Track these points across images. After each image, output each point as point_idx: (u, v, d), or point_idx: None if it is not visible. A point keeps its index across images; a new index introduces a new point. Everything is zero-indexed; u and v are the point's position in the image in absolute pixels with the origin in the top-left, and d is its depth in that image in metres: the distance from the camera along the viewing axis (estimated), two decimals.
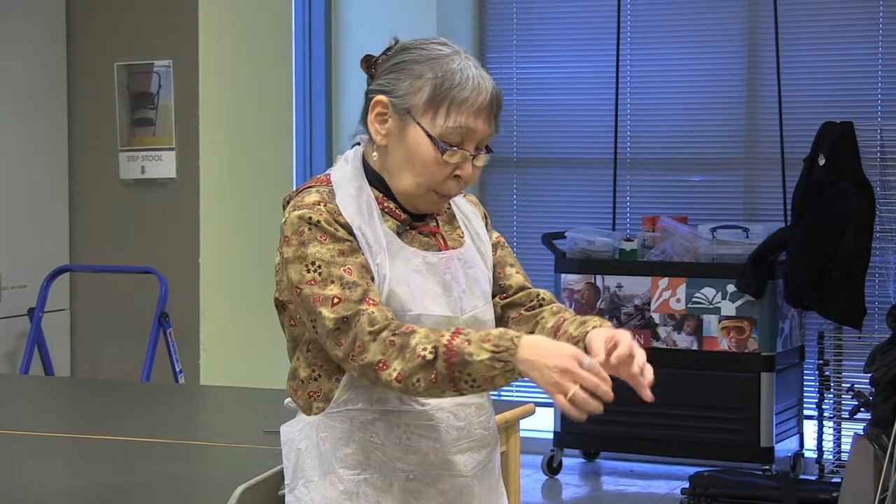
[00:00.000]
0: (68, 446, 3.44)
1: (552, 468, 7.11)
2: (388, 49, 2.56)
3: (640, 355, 2.41)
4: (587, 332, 2.48)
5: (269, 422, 3.41)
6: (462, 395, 2.40)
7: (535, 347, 2.34)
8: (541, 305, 2.66)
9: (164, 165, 6.10)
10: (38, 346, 5.92)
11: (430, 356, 2.35)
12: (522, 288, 2.67)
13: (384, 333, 2.38)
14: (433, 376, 2.35)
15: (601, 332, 2.45)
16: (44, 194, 6.15)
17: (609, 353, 2.38)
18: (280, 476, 2.58)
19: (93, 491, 2.99)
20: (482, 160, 2.52)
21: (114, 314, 6.23)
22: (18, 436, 3.54)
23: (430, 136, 2.46)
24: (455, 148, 2.47)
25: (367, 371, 2.40)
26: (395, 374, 2.37)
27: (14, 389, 4.55)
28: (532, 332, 2.60)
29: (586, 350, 2.41)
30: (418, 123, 2.47)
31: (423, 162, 2.48)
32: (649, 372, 2.41)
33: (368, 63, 2.57)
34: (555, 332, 2.56)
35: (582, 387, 2.30)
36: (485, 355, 2.34)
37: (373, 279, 2.45)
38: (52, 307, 6.07)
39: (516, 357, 2.33)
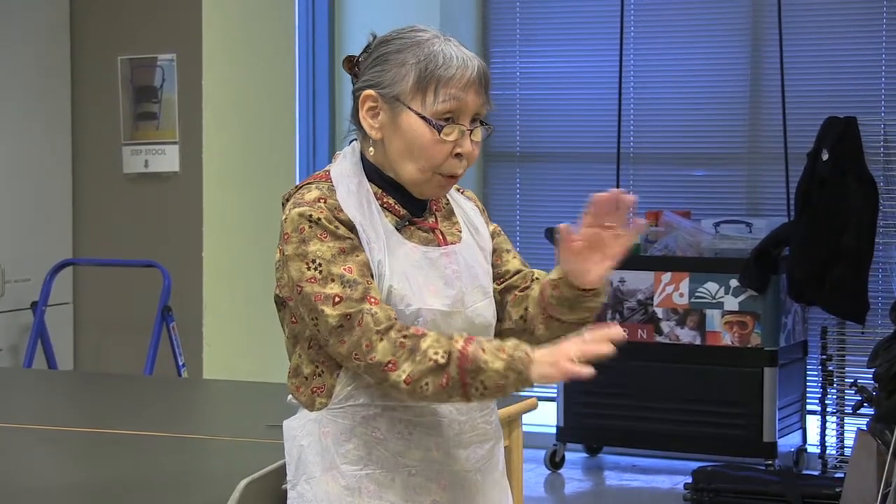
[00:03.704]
0: (71, 440, 3.44)
1: (555, 463, 7.11)
2: (368, 46, 2.56)
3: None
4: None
5: (272, 416, 3.41)
6: (469, 401, 2.42)
7: (547, 367, 2.36)
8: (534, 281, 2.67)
9: (167, 159, 6.10)
10: (41, 339, 5.93)
11: (442, 360, 2.36)
12: (519, 271, 2.69)
13: (393, 333, 2.39)
14: (444, 381, 2.36)
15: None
16: (47, 188, 6.15)
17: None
18: (283, 470, 2.58)
19: (95, 484, 2.99)
20: (479, 134, 2.52)
21: (117, 308, 6.23)
22: (21, 429, 3.54)
23: (423, 117, 2.46)
24: (451, 123, 2.47)
25: (375, 370, 2.40)
26: (403, 376, 2.37)
27: (17, 383, 4.56)
28: (526, 309, 2.63)
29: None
30: (409, 108, 2.47)
31: (421, 145, 2.47)
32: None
33: (350, 63, 2.57)
34: (541, 297, 2.59)
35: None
36: (499, 364, 2.36)
37: (373, 276, 2.46)
38: (56, 301, 6.07)
39: (530, 368, 2.36)
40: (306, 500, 2.51)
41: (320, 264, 2.43)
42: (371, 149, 2.54)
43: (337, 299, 2.41)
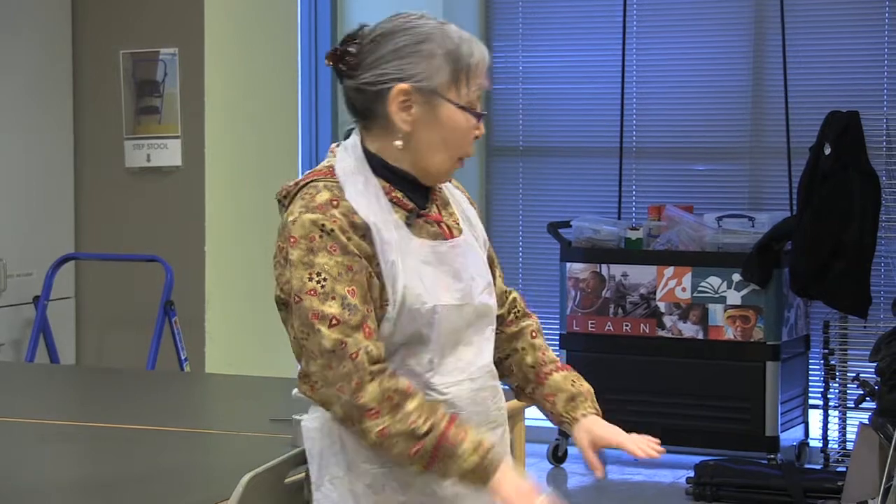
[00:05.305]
0: (73, 434, 3.44)
1: (557, 457, 7.11)
2: (353, 38, 2.52)
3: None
4: (577, 419, 2.66)
5: (275, 410, 3.41)
6: (423, 472, 2.43)
7: (512, 483, 2.41)
8: (515, 315, 2.71)
9: (169, 154, 6.10)
10: (43, 334, 5.93)
11: (421, 430, 2.38)
12: (501, 293, 2.71)
13: (385, 381, 2.38)
14: (415, 449, 2.38)
15: (598, 429, 2.66)
16: (49, 182, 6.15)
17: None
18: (286, 464, 2.58)
19: (98, 479, 2.99)
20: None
21: (119, 302, 6.23)
22: (23, 424, 3.55)
23: (462, 108, 2.49)
24: (482, 112, 2.52)
25: (354, 410, 2.39)
26: (379, 428, 2.37)
27: (19, 377, 4.56)
28: (508, 358, 2.69)
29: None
30: (448, 100, 2.48)
31: (461, 134, 2.51)
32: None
33: (336, 57, 2.52)
34: (537, 378, 2.66)
35: None
36: (472, 461, 2.39)
37: (373, 300, 2.43)
38: (58, 295, 6.07)
39: (493, 479, 2.40)
40: (332, 500, 2.50)
41: (325, 279, 2.40)
42: (398, 142, 2.50)
43: (334, 321, 2.38)
